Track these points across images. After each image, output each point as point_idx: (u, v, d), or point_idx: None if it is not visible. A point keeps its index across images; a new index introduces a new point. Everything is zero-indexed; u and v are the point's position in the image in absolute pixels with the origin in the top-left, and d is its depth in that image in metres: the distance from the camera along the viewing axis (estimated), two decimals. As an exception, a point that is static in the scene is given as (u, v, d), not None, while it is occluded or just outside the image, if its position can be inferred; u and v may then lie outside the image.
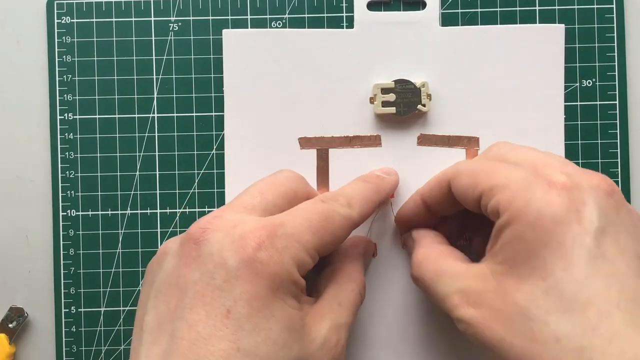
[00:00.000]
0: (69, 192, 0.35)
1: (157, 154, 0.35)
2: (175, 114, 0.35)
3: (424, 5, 0.35)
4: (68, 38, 0.35)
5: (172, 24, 0.35)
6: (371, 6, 0.35)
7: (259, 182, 0.29)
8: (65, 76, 0.35)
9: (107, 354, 0.34)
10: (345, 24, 0.35)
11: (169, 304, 0.24)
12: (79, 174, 0.35)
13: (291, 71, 0.34)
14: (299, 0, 0.35)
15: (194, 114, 0.35)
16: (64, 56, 0.35)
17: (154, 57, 0.35)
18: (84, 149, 0.35)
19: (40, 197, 0.35)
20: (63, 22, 0.35)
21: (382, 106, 0.34)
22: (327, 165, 0.34)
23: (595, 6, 0.35)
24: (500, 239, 0.25)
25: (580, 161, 0.34)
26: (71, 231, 0.35)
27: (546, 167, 0.25)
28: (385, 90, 0.34)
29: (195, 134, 0.35)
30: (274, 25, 0.35)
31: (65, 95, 0.35)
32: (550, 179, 0.24)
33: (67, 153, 0.35)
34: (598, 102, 0.35)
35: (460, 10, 0.35)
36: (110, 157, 0.35)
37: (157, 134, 0.35)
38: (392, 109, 0.34)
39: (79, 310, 0.34)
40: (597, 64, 0.35)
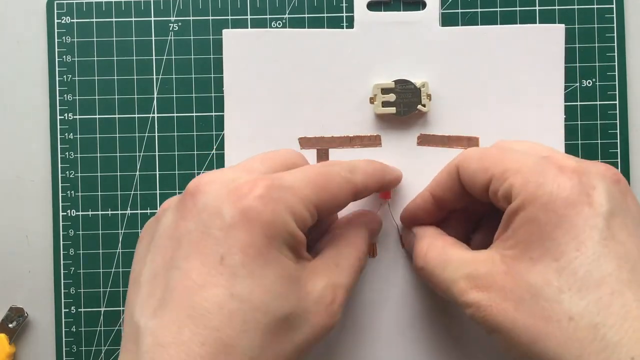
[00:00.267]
0: (69, 192, 0.35)
1: (157, 154, 0.35)
2: (175, 114, 0.35)
3: (424, 6, 0.35)
4: (68, 38, 0.35)
5: (172, 24, 0.35)
6: (371, 6, 0.35)
7: (259, 153, 0.28)
8: (65, 76, 0.35)
9: (107, 354, 0.34)
10: (345, 24, 0.35)
11: (165, 255, 0.24)
12: (79, 174, 0.35)
13: (291, 71, 0.34)
14: (299, 0, 0.35)
15: (194, 114, 0.35)
16: (64, 56, 0.35)
17: (154, 57, 0.35)
18: (84, 149, 0.35)
19: (40, 197, 0.35)
20: (63, 22, 0.35)
21: (382, 106, 0.34)
22: (327, 165, 0.34)
23: (595, 6, 0.35)
24: (512, 223, 0.25)
25: (580, 161, 0.34)
26: (71, 231, 0.35)
27: (554, 154, 0.26)
28: (385, 91, 0.34)
29: (195, 134, 0.35)
30: (274, 25, 0.35)
31: (65, 95, 0.35)
32: (560, 164, 0.25)
33: (67, 153, 0.35)
34: (598, 102, 0.35)
35: (460, 11, 0.35)
36: (110, 157, 0.35)
37: (157, 134, 0.35)
38: (392, 109, 0.34)
39: (79, 310, 0.35)
40: (597, 64, 0.35)
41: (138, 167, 0.35)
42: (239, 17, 0.35)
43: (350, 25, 0.35)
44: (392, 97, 0.34)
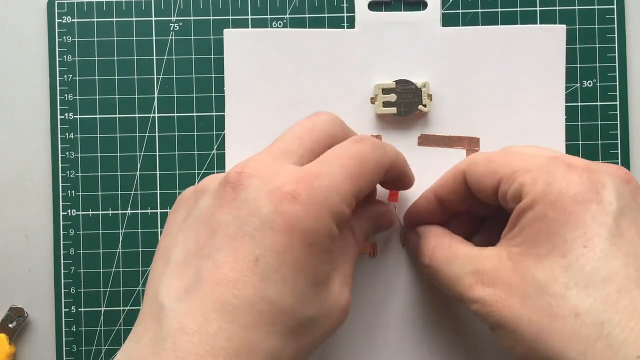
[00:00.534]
0: (69, 191, 0.35)
1: (158, 153, 0.35)
2: (176, 114, 0.35)
3: (425, 6, 0.35)
4: (69, 38, 0.35)
5: (173, 24, 0.35)
6: (372, 6, 0.35)
7: (296, 126, 0.28)
8: (65, 76, 0.35)
9: (107, 354, 0.34)
10: (346, 24, 0.35)
11: (198, 241, 0.24)
12: (79, 174, 0.35)
13: (292, 71, 0.34)
14: (300, 0, 0.35)
15: (195, 114, 0.35)
16: (65, 56, 0.35)
17: (155, 57, 0.35)
18: (85, 148, 0.35)
19: (40, 197, 0.35)
20: (64, 21, 0.35)
21: (383, 106, 0.34)
22: (327, 165, 0.34)
23: (596, 7, 0.35)
24: (520, 220, 0.25)
25: (581, 162, 0.34)
26: (71, 231, 0.35)
27: (564, 155, 0.26)
28: (386, 91, 0.34)
29: (196, 133, 0.35)
30: (274, 25, 0.35)
31: (66, 95, 0.35)
32: (570, 162, 0.25)
33: (67, 153, 0.35)
34: (599, 103, 0.35)
35: (461, 11, 0.35)
36: (111, 157, 0.35)
37: (157, 134, 0.35)
38: (393, 109, 0.34)
39: (79, 310, 0.34)
40: (597, 65, 0.35)
41: (138, 167, 0.35)
42: (240, 17, 0.35)
43: (351, 25, 0.35)
44: (392, 97, 0.34)
